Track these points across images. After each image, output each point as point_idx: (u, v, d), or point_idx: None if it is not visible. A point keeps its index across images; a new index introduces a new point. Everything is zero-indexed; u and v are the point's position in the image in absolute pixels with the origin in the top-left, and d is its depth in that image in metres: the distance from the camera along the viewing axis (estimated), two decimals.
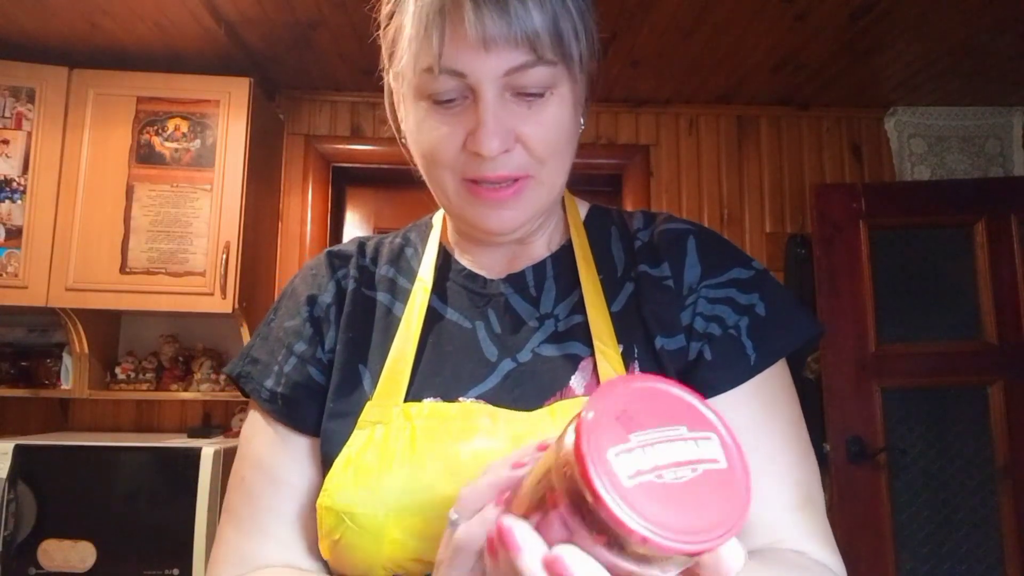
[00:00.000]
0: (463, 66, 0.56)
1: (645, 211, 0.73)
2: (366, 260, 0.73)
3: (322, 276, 0.71)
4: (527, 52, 0.55)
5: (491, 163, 0.58)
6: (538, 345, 0.63)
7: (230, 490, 0.67)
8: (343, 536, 0.55)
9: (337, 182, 2.65)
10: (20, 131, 2.09)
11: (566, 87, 0.59)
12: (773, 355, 0.62)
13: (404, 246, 0.74)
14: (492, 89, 0.56)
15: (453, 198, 0.62)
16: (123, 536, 1.83)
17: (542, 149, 0.59)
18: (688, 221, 0.69)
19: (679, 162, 2.66)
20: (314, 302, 0.70)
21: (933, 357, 2.36)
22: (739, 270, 0.65)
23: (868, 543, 2.26)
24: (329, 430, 0.62)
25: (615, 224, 0.71)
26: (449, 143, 0.59)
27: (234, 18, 2.07)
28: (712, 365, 0.61)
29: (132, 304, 2.10)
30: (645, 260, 0.66)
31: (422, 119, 0.60)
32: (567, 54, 0.57)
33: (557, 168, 0.62)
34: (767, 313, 0.62)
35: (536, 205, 0.62)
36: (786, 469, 0.59)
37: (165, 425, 2.42)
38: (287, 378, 0.66)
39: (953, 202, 2.43)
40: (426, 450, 0.55)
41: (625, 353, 0.61)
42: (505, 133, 0.57)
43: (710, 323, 0.62)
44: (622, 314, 0.64)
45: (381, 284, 0.70)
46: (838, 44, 2.20)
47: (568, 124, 0.61)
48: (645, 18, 2.06)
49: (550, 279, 0.68)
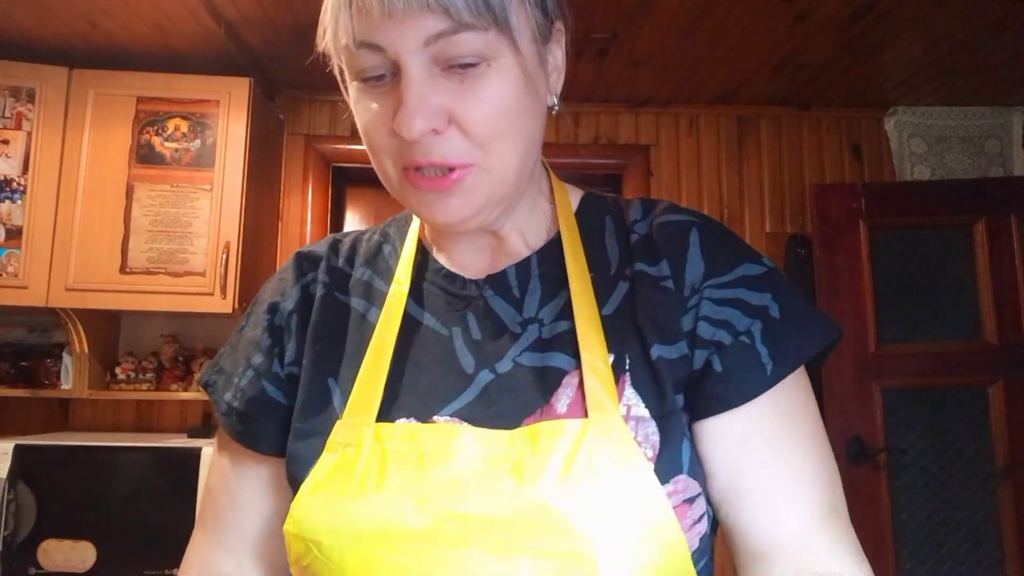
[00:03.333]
0: (378, 38, 0.50)
1: (644, 199, 0.64)
2: (339, 261, 0.66)
3: (287, 281, 0.66)
4: (443, 17, 0.48)
5: (421, 147, 0.52)
6: (519, 354, 0.57)
7: (203, 495, 0.67)
8: (311, 564, 0.52)
9: (337, 182, 2.65)
10: (20, 131, 2.09)
11: (508, 58, 0.51)
12: (791, 362, 0.55)
13: (382, 243, 0.67)
14: (415, 62, 0.50)
15: (396, 188, 0.56)
16: (123, 536, 1.83)
17: (481, 130, 0.51)
18: (690, 211, 0.61)
19: (679, 162, 2.66)
20: (275, 310, 0.64)
21: (933, 357, 2.36)
22: (749, 265, 0.57)
23: (868, 543, 2.24)
24: (295, 451, 0.58)
25: (610, 214, 0.63)
26: (380, 124, 0.53)
27: (234, 18, 2.07)
28: (723, 377, 0.54)
29: (132, 304, 2.10)
30: (642, 257, 0.58)
31: (356, 100, 0.55)
32: (498, 18, 0.50)
33: (506, 152, 0.53)
34: (782, 315, 0.55)
35: (486, 194, 0.54)
36: (809, 486, 0.54)
37: (165, 425, 2.42)
38: (243, 393, 0.63)
39: (953, 202, 2.43)
40: (396, 477, 0.51)
41: (616, 364, 0.54)
42: (431, 112, 0.50)
43: (718, 329, 0.55)
44: (614, 318, 0.57)
45: (356, 288, 0.64)
46: (838, 44, 2.20)
47: (513, 101, 0.52)
48: (645, 18, 2.06)
49: (535, 279, 0.61)
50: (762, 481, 0.53)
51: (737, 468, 0.54)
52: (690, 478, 0.52)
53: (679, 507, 0.50)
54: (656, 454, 0.51)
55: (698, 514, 0.53)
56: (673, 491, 0.50)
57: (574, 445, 0.49)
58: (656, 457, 0.51)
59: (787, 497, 0.53)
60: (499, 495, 0.49)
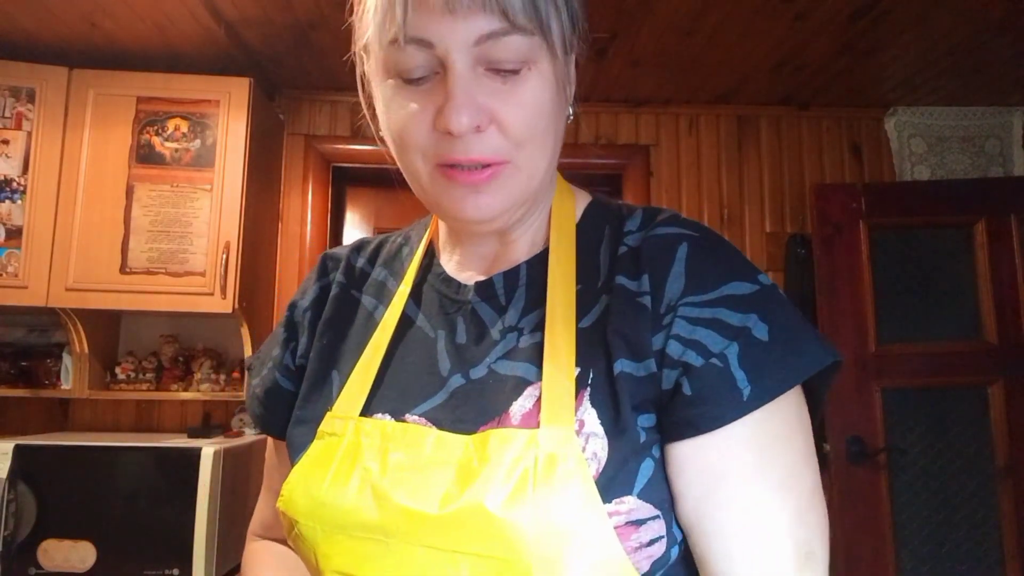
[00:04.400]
0: (430, 34, 0.51)
1: (648, 209, 0.62)
2: (362, 260, 0.71)
3: (310, 280, 0.71)
4: (499, 18, 0.50)
5: (462, 144, 0.53)
6: (495, 361, 0.58)
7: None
8: (295, 538, 0.57)
9: (337, 182, 2.64)
10: (20, 131, 2.09)
11: (545, 63, 0.54)
12: (774, 388, 0.51)
13: (403, 245, 0.71)
14: (462, 59, 0.51)
15: (427, 186, 0.57)
16: (123, 536, 1.83)
17: (519, 130, 0.53)
18: (690, 224, 0.59)
19: (679, 162, 2.66)
20: (294, 307, 0.71)
21: (933, 357, 2.36)
22: (738, 284, 0.54)
23: (868, 543, 2.26)
24: (292, 436, 0.63)
25: (610, 223, 0.62)
26: (419, 122, 0.54)
27: (234, 18, 2.07)
28: (692, 401, 0.51)
29: (132, 304, 2.09)
30: (624, 270, 0.57)
31: (390, 98, 0.55)
32: (544, 24, 0.52)
33: (536, 153, 0.55)
34: (769, 337, 0.52)
35: (515, 193, 0.56)
36: (786, 527, 0.50)
37: (165, 425, 2.42)
38: (263, 381, 0.70)
39: (953, 202, 2.43)
40: (362, 471, 0.54)
41: (580, 377, 0.53)
42: (476, 109, 0.52)
43: (688, 349, 0.52)
44: (590, 332, 0.56)
45: (371, 287, 0.68)
46: (838, 44, 2.20)
47: (548, 106, 0.55)
48: (645, 18, 2.06)
49: (522, 287, 0.61)
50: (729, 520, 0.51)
51: (703, 500, 0.51)
52: (641, 500, 0.50)
53: (622, 528, 0.49)
54: (600, 471, 0.50)
55: (648, 538, 0.50)
56: (615, 511, 0.49)
57: (519, 455, 0.49)
58: (599, 474, 0.49)
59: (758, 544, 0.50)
60: (443, 497, 0.50)
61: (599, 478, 0.49)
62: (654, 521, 0.51)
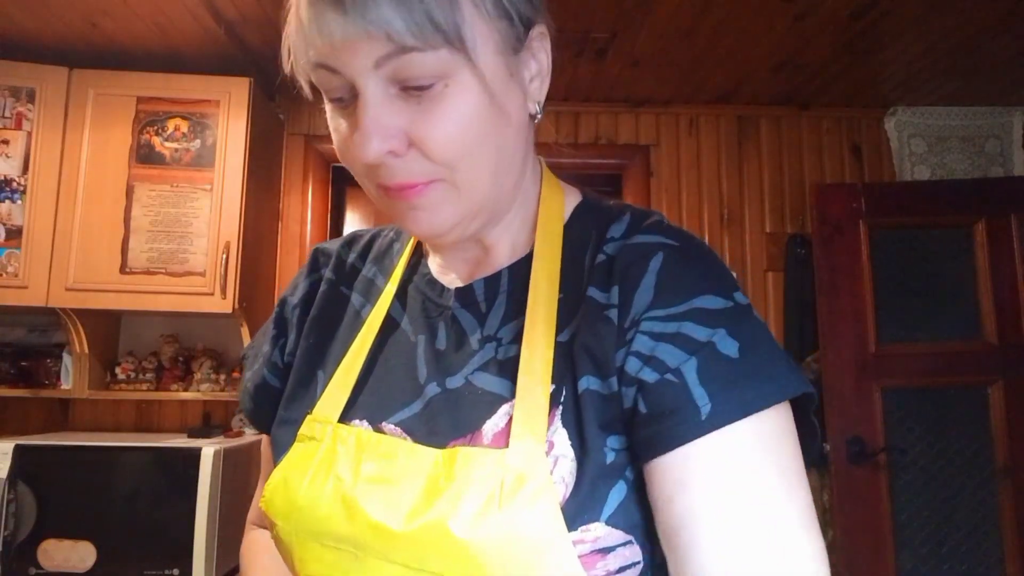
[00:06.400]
0: (332, 60, 0.49)
1: (637, 213, 0.58)
2: (353, 256, 0.69)
3: (301, 275, 0.70)
4: (384, 42, 0.47)
5: (386, 169, 0.51)
6: (472, 372, 0.55)
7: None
8: (275, 537, 0.57)
9: (337, 182, 2.65)
10: (20, 131, 2.09)
11: (466, 75, 0.49)
12: (737, 410, 0.46)
13: (394, 241, 0.69)
14: (370, 83, 0.49)
15: (377, 202, 0.56)
16: (123, 536, 1.83)
17: (442, 150, 0.50)
18: (672, 233, 0.54)
19: (679, 162, 2.66)
20: (284, 303, 0.70)
21: (933, 357, 2.36)
22: (710, 298, 0.49)
23: (868, 543, 2.26)
24: (277, 436, 0.63)
25: (597, 227, 0.57)
26: (349, 144, 0.52)
27: (234, 18, 2.07)
28: (647, 420, 0.47)
29: (132, 304, 2.10)
30: (597, 280, 0.53)
31: (329, 117, 0.54)
32: (449, 35, 0.47)
33: (473, 168, 0.51)
34: (739, 355, 0.47)
35: (459, 208, 0.53)
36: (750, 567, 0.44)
37: (165, 425, 2.42)
38: (254, 376, 0.69)
39: (953, 202, 2.43)
40: (336, 480, 0.53)
41: (554, 395, 0.50)
42: (386, 135, 0.49)
43: (645, 365, 0.48)
44: (567, 346, 0.52)
45: (360, 284, 0.66)
46: (838, 44, 2.20)
47: (475, 119, 0.50)
48: (645, 18, 2.06)
49: (503, 294, 0.58)
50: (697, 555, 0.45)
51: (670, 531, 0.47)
52: (609, 527, 0.47)
53: (587, 556, 0.46)
54: (567, 496, 0.47)
55: (617, 565, 0.47)
56: (580, 540, 0.46)
57: (485, 476, 0.48)
58: (566, 499, 0.47)
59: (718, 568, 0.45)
60: (409, 513, 0.49)
61: (566, 503, 0.47)
62: (624, 548, 0.48)
